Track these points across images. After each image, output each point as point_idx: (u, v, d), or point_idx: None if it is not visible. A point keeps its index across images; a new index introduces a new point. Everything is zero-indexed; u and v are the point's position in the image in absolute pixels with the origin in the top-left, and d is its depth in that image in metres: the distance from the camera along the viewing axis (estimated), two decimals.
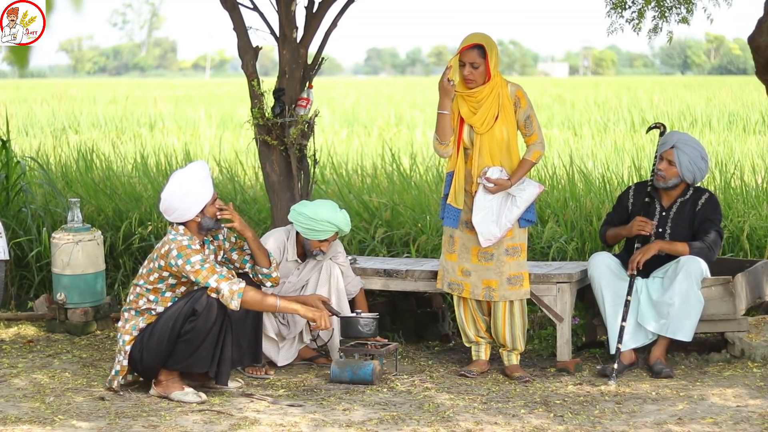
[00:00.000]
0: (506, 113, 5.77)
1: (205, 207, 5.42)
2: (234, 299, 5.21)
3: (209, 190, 5.44)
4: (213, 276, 5.23)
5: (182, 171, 5.53)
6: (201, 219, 5.41)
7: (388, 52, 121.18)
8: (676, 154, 5.96)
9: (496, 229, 5.76)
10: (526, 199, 5.78)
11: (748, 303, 6.15)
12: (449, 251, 5.93)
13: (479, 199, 5.78)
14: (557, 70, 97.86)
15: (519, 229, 5.85)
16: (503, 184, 5.74)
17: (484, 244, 5.78)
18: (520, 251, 5.85)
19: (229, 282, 5.23)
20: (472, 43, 5.75)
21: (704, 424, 4.93)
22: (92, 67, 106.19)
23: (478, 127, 5.76)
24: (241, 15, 6.78)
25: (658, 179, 6.04)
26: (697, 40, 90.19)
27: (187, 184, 5.40)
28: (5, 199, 8.27)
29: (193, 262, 5.25)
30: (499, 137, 5.76)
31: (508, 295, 5.84)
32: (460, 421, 5.00)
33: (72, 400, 5.37)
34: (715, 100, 25.47)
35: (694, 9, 6.15)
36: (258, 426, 4.92)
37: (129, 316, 5.43)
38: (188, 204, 5.38)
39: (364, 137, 18.10)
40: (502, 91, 5.77)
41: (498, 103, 5.75)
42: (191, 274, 5.24)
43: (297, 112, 6.68)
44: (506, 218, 5.77)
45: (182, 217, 5.40)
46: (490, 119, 5.75)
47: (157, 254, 5.36)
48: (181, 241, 5.32)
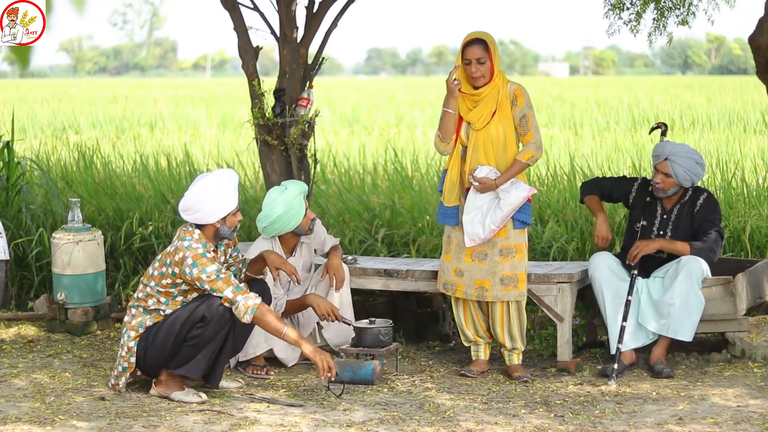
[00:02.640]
0: (503, 111, 5.75)
1: (228, 215, 5.38)
2: (248, 314, 5.18)
3: (235, 200, 5.38)
4: (229, 288, 5.20)
5: (215, 173, 5.45)
6: (220, 226, 5.37)
7: (388, 52, 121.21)
8: (670, 167, 5.96)
9: (480, 230, 5.75)
10: (511, 202, 5.72)
11: (749, 303, 6.15)
12: (446, 251, 5.93)
13: (470, 198, 5.77)
14: (558, 70, 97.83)
15: (514, 230, 5.81)
16: (488, 184, 5.71)
17: (468, 243, 5.77)
18: (515, 252, 5.82)
19: (245, 296, 5.20)
20: (474, 38, 5.74)
21: (705, 424, 4.93)
22: (92, 67, 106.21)
23: (474, 123, 5.76)
24: (242, 15, 6.78)
25: (656, 191, 6.05)
26: (697, 40, 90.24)
27: (218, 188, 5.32)
28: (5, 199, 8.27)
29: (209, 272, 5.19)
30: (494, 135, 5.74)
31: (501, 296, 5.82)
32: (460, 421, 5.00)
33: (72, 400, 5.37)
34: (715, 100, 25.46)
35: (695, 11, 6.14)
36: (258, 426, 4.92)
37: (137, 313, 5.39)
38: (214, 207, 5.29)
39: (365, 137, 18.10)
40: (502, 89, 5.76)
41: (496, 101, 5.74)
42: (207, 284, 5.19)
43: (297, 112, 6.68)
44: (490, 219, 5.74)
45: (203, 219, 5.31)
46: (487, 116, 5.74)
47: (171, 260, 5.28)
48: (196, 249, 5.24)
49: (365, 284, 6.34)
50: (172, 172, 9.68)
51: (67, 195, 8.72)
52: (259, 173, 8.79)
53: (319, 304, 5.91)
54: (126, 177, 9.58)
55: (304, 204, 5.93)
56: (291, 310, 6.02)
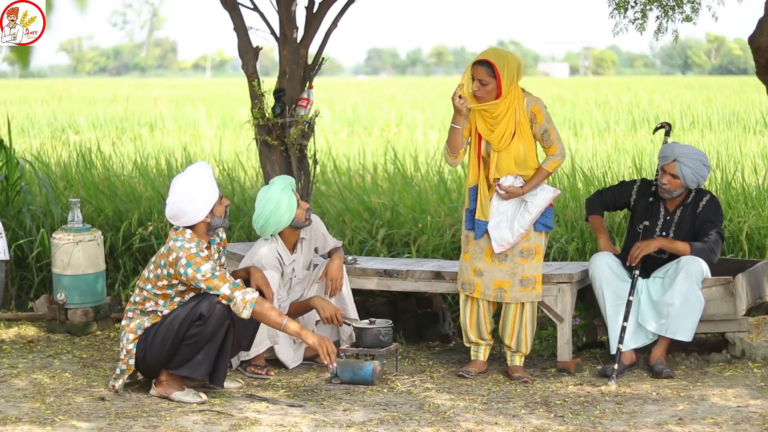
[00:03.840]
0: (523, 130, 5.73)
1: (214, 207, 5.38)
2: (246, 308, 5.19)
3: (215, 190, 5.39)
4: (226, 284, 5.20)
5: (186, 174, 5.42)
6: (211, 219, 5.38)
7: (388, 52, 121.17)
8: (678, 168, 5.95)
9: (509, 235, 5.76)
10: (538, 203, 5.77)
11: (749, 303, 6.15)
12: (465, 251, 5.93)
13: (494, 204, 5.78)
14: (558, 71, 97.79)
15: (534, 233, 5.83)
16: (515, 191, 5.73)
17: (497, 250, 5.78)
18: (534, 254, 5.83)
19: (242, 291, 5.21)
20: (483, 59, 5.72)
21: (705, 425, 4.93)
22: (92, 67, 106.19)
23: (496, 144, 5.74)
24: (242, 15, 6.78)
25: (662, 192, 6.03)
26: (697, 40, 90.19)
27: (194, 188, 5.32)
28: (5, 199, 8.27)
29: (203, 271, 5.20)
30: (515, 153, 5.74)
31: (519, 297, 5.83)
32: (460, 421, 4.99)
33: (72, 400, 5.37)
34: (715, 100, 25.46)
35: (699, 8, 6.14)
36: (258, 426, 4.92)
37: (134, 315, 5.40)
38: (198, 207, 5.31)
39: (365, 137, 18.10)
40: (519, 106, 5.72)
41: (515, 120, 5.71)
42: (203, 283, 5.19)
43: (297, 112, 6.68)
44: (519, 224, 5.76)
45: (191, 221, 5.33)
46: (507, 137, 5.72)
47: (165, 261, 5.29)
48: (189, 248, 5.25)
49: (365, 284, 6.34)
50: (172, 173, 9.68)
51: (67, 195, 8.72)
52: (259, 173, 8.79)
53: (324, 306, 5.92)
54: (126, 177, 9.58)
55: (294, 196, 5.93)
56: (295, 312, 6.02)
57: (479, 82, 5.69)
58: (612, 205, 6.32)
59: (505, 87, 5.67)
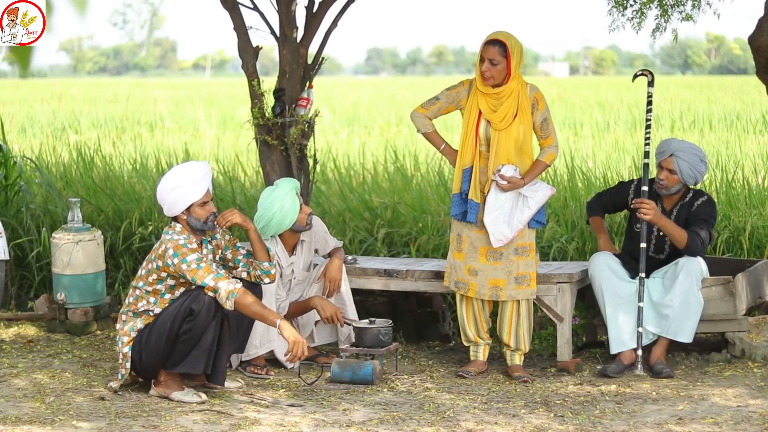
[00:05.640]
0: (524, 113, 5.76)
1: (192, 206, 5.37)
2: (229, 299, 5.19)
3: (201, 190, 5.36)
4: (209, 275, 5.21)
5: (179, 166, 5.53)
6: (187, 217, 5.39)
7: (388, 52, 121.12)
8: (676, 163, 5.94)
9: (507, 230, 5.76)
10: (538, 200, 5.78)
11: (749, 303, 6.15)
12: (457, 249, 5.92)
13: (491, 198, 5.77)
14: (558, 70, 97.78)
15: (528, 230, 5.84)
16: (517, 183, 5.73)
17: (495, 244, 5.77)
18: (528, 251, 5.85)
19: (226, 282, 5.21)
20: (494, 38, 5.73)
21: (705, 424, 4.93)
22: (92, 67, 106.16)
23: (497, 123, 5.75)
24: (241, 15, 6.78)
25: (659, 187, 6.03)
26: (697, 40, 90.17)
27: (178, 180, 5.38)
28: (4, 198, 8.27)
29: (189, 261, 5.23)
30: (515, 135, 5.75)
31: (515, 295, 5.83)
32: (460, 421, 5.00)
33: (72, 400, 5.37)
34: (715, 100, 25.46)
35: (699, 4, 6.12)
36: (258, 426, 4.92)
37: (127, 318, 5.41)
38: (174, 198, 5.35)
39: (365, 137, 18.09)
40: (522, 90, 5.77)
41: (517, 102, 5.75)
42: (187, 273, 5.22)
43: (297, 111, 6.68)
44: (518, 219, 5.76)
45: (169, 211, 5.40)
46: (510, 116, 5.75)
47: (155, 254, 5.34)
48: (177, 240, 5.30)
49: (365, 284, 6.34)
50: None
51: (66, 195, 8.71)
52: (259, 173, 8.79)
53: (324, 307, 5.92)
54: (126, 177, 9.58)
55: (297, 200, 5.93)
56: (295, 312, 6.02)
57: (490, 62, 5.69)
58: (612, 206, 6.32)
59: (514, 68, 5.71)
